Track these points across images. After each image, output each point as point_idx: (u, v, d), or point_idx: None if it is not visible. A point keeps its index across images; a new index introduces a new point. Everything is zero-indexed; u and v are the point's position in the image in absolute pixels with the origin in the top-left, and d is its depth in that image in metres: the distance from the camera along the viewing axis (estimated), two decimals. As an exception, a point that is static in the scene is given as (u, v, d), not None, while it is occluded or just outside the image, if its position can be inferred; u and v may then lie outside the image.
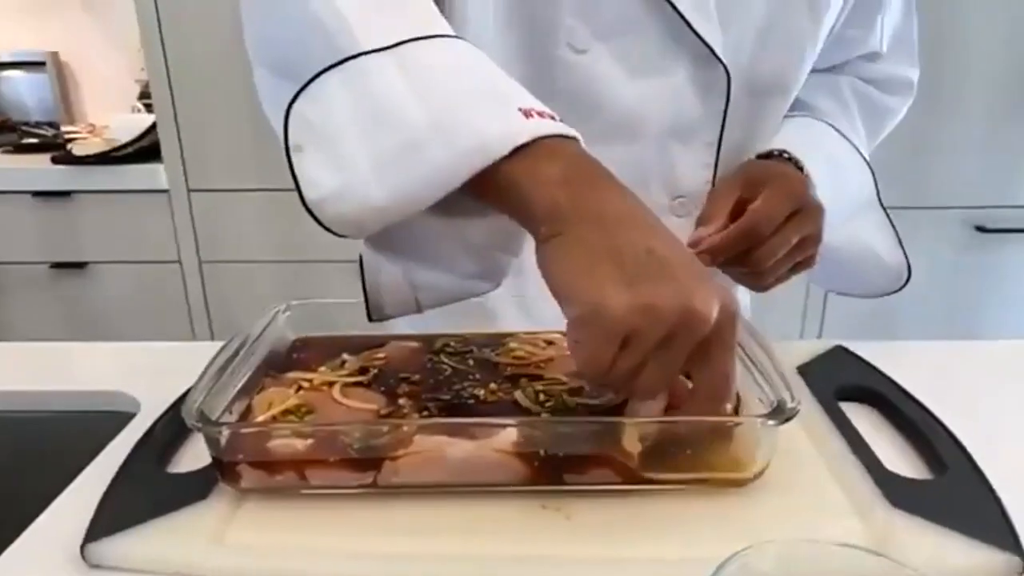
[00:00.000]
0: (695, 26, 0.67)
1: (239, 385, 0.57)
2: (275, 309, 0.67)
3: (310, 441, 0.50)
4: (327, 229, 0.52)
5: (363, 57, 0.51)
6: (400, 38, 0.51)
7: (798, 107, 0.81)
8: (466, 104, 0.50)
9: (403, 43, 0.51)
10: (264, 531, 0.50)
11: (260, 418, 0.54)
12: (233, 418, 0.54)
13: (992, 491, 0.51)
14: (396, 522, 0.50)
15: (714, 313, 0.45)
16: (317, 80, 0.51)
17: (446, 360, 0.62)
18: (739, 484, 0.52)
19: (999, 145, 1.87)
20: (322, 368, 0.61)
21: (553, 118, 0.51)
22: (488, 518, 0.50)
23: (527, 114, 0.50)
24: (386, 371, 0.60)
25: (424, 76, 0.51)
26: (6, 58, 2.39)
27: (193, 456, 0.57)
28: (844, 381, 0.66)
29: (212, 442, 0.51)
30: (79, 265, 2.06)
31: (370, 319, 0.61)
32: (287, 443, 0.50)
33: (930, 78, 1.81)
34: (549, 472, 0.51)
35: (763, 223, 0.66)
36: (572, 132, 0.51)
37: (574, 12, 0.67)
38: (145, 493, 0.52)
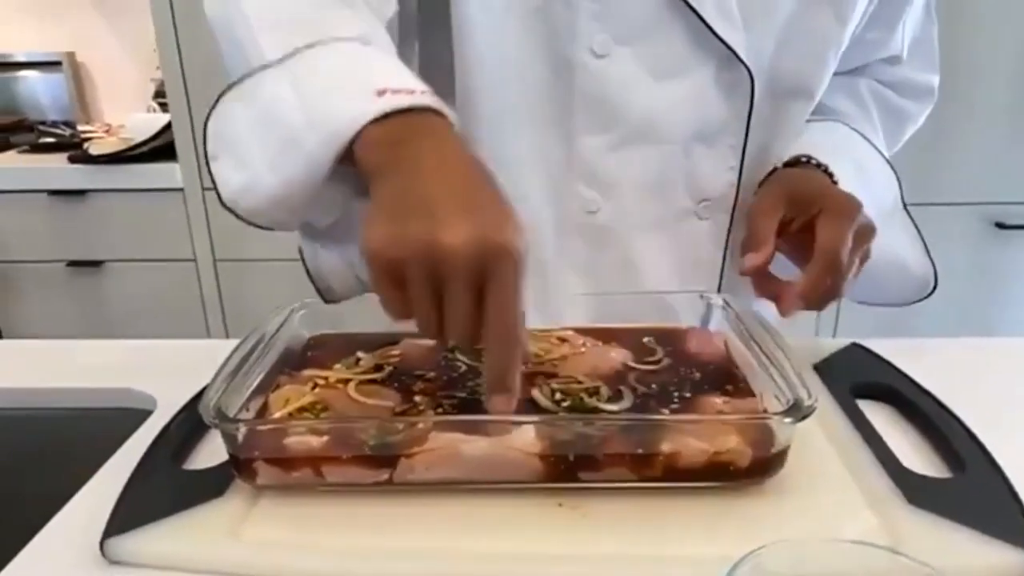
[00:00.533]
0: (717, 29, 0.67)
1: (255, 383, 0.57)
2: (290, 307, 0.67)
3: (326, 438, 0.50)
4: (248, 223, 0.61)
5: (259, 72, 0.58)
6: (290, 49, 0.57)
7: (818, 111, 0.80)
8: (331, 96, 0.55)
9: (292, 54, 0.57)
10: (280, 527, 0.50)
11: (276, 415, 0.54)
12: (250, 415, 0.54)
13: (1011, 489, 0.50)
14: (411, 519, 0.50)
15: (463, 245, 0.45)
16: (222, 99, 0.60)
17: (460, 357, 0.62)
18: (755, 482, 0.51)
19: (1017, 140, 1.85)
20: (337, 366, 0.61)
21: (414, 92, 0.53)
22: (504, 516, 0.50)
23: (380, 93, 0.52)
24: (401, 369, 0.61)
25: (305, 80, 0.56)
26: (23, 58, 2.40)
27: (209, 453, 0.58)
28: (861, 378, 0.66)
29: (229, 439, 0.51)
30: (95, 263, 2.07)
31: (324, 301, 0.67)
32: (303, 440, 0.50)
33: (947, 73, 1.79)
34: (565, 470, 0.51)
35: (840, 258, 0.62)
36: (426, 102, 0.53)
37: (594, 17, 0.67)
38: (162, 490, 0.53)
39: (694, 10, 0.66)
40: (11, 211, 2.02)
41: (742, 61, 0.68)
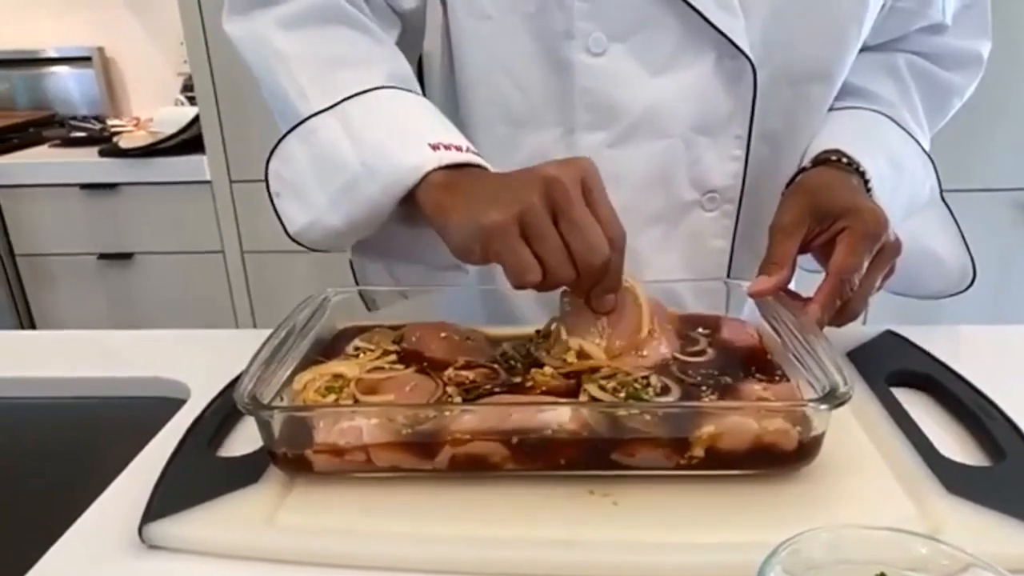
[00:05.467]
0: (712, 18, 0.66)
1: (288, 372, 0.58)
2: (321, 297, 0.68)
3: (364, 423, 0.51)
4: (312, 249, 0.70)
5: (312, 119, 0.66)
6: (339, 97, 0.65)
7: (852, 93, 0.77)
8: (388, 145, 0.63)
9: (341, 102, 0.65)
10: (315, 513, 0.50)
11: (302, 389, 0.55)
12: (283, 403, 0.55)
13: (1052, 478, 0.49)
14: (443, 506, 0.50)
15: (563, 177, 0.54)
16: (282, 142, 0.68)
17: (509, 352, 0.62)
18: (791, 470, 0.51)
19: (1051, 125, 1.82)
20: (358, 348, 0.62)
21: (462, 149, 0.62)
22: (536, 503, 0.50)
23: (435, 148, 0.61)
24: (429, 357, 0.61)
25: (357, 126, 0.65)
26: (53, 54, 2.43)
27: (244, 440, 0.58)
28: (895, 366, 0.65)
29: (263, 426, 0.51)
30: (126, 256, 2.10)
31: (368, 310, 0.72)
32: (339, 427, 0.51)
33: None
34: (604, 456, 0.51)
35: (851, 280, 0.61)
36: (476, 160, 0.62)
37: (586, 16, 0.68)
38: (199, 476, 0.53)
39: (687, 2, 0.65)
40: (43, 205, 2.05)
41: (741, 50, 0.67)
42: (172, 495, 0.51)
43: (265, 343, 0.57)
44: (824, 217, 0.64)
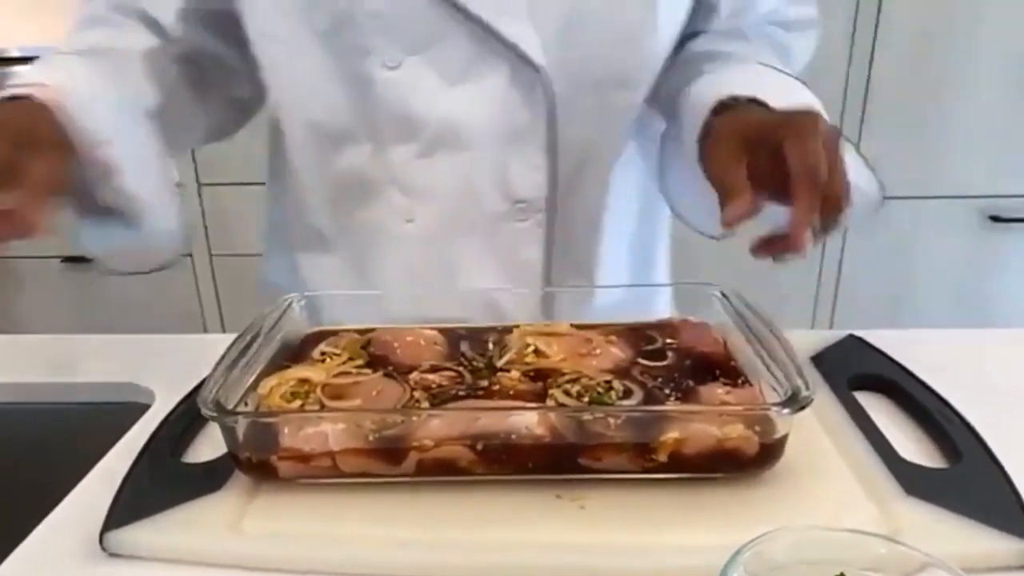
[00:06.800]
0: (500, 30, 0.67)
1: (253, 377, 0.57)
2: (288, 301, 0.67)
3: (321, 428, 0.51)
4: None
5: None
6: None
7: (708, 59, 0.74)
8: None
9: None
10: (280, 520, 0.50)
11: (268, 394, 0.55)
12: (248, 409, 0.54)
13: (1008, 479, 0.51)
14: (410, 510, 0.50)
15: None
16: None
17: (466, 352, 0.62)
18: (753, 473, 0.52)
19: (1013, 133, 1.85)
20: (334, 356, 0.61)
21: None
22: (502, 507, 0.50)
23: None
24: (393, 361, 0.61)
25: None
26: (16, 53, 2.39)
27: (208, 446, 0.58)
28: (858, 370, 0.66)
29: (228, 432, 0.51)
30: (90, 260, 2.06)
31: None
32: (304, 433, 0.51)
33: (943, 66, 1.81)
34: (569, 460, 0.51)
35: (819, 173, 0.56)
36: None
37: (379, 31, 0.69)
38: (162, 483, 0.53)
39: (474, 15, 0.66)
40: (6, 207, 2.01)
41: (532, 60, 0.68)
42: (134, 502, 0.50)
43: (230, 348, 0.57)
44: (756, 138, 0.60)
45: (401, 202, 0.75)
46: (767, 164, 0.58)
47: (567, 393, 0.54)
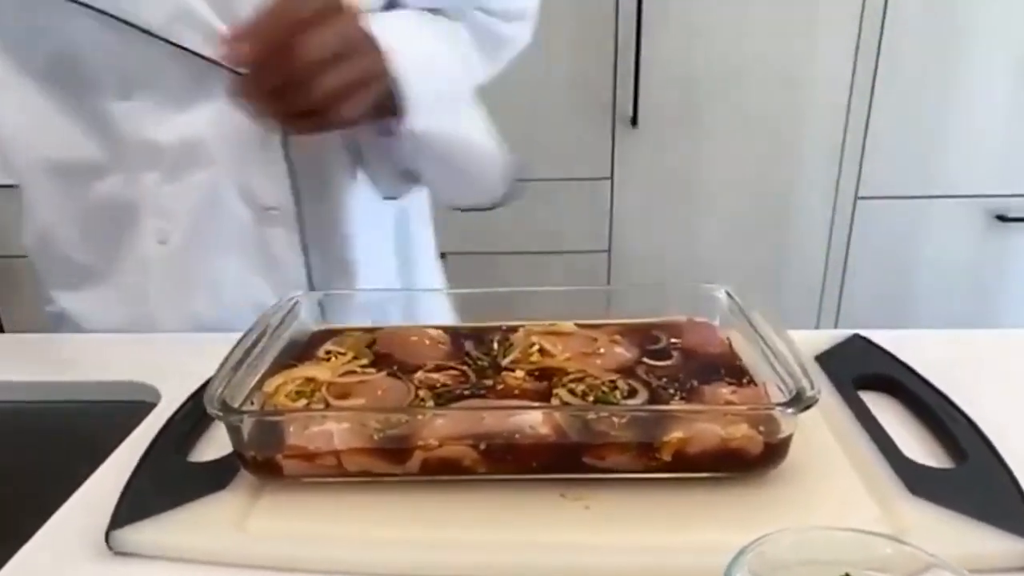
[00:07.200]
0: (206, 53, 0.69)
1: (259, 375, 0.57)
2: (292, 300, 0.68)
3: (327, 427, 0.51)
4: None
5: None
6: None
7: None
8: None
9: None
10: (286, 518, 0.50)
11: (273, 393, 0.55)
12: (253, 408, 0.54)
13: (1013, 479, 0.50)
14: (414, 510, 0.50)
15: None
16: None
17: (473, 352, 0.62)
18: (758, 473, 0.52)
19: (1018, 133, 1.85)
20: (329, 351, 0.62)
21: None
22: (506, 507, 0.50)
23: None
24: (400, 360, 0.61)
25: None
26: None
27: (214, 445, 0.58)
28: (863, 370, 0.66)
29: (233, 431, 0.51)
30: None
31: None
32: (309, 432, 0.51)
33: (949, 66, 1.80)
34: (573, 459, 0.51)
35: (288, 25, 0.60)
36: None
37: (103, 70, 0.72)
38: (167, 482, 0.53)
39: (178, 46, 0.69)
40: (8, 204, 2.02)
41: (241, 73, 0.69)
42: (140, 500, 0.50)
43: (236, 347, 0.57)
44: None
45: (155, 224, 0.79)
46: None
47: (572, 392, 0.54)
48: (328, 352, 0.62)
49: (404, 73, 0.68)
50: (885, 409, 0.61)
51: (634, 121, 1.88)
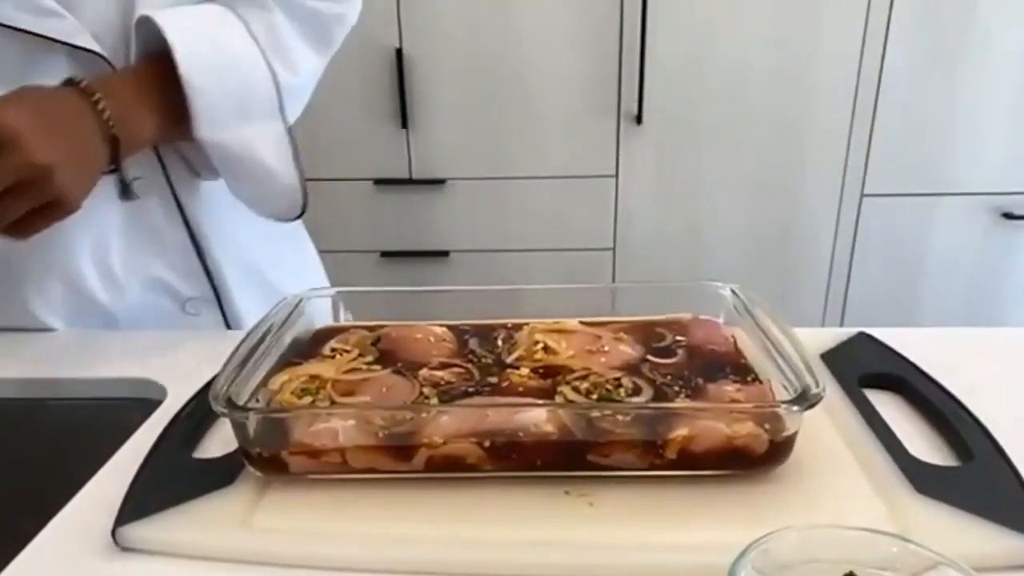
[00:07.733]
0: (33, 29, 0.68)
1: (264, 372, 0.57)
2: (298, 298, 0.68)
3: (332, 424, 0.51)
4: None
5: None
6: None
7: None
8: None
9: None
10: (291, 515, 0.50)
11: (278, 390, 0.55)
12: (259, 405, 0.55)
13: (1020, 478, 0.50)
14: (419, 507, 0.50)
15: None
16: None
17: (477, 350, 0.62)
18: (763, 471, 0.52)
19: (1025, 130, 1.84)
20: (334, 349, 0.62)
21: None
22: (510, 504, 0.50)
23: None
24: (411, 358, 0.61)
25: None
26: None
27: (220, 441, 0.58)
28: (868, 368, 0.65)
29: (239, 428, 0.51)
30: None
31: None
32: (314, 428, 0.51)
33: (955, 64, 1.80)
34: (578, 457, 0.51)
35: None
36: None
37: None
38: (173, 478, 0.53)
39: (13, 26, 0.68)
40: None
41: (81, 47, 0.69)
42: (146, 497, 0.50)
43: (241, 344, 0.57)
44: None
45: None
46: None
47: (576, 390, 0.54)
48: (333, 350, 0.62)
49: (192, 80, 0.70)
50: (891, 407, 0.61)
51: (639, 119, 1.88)
